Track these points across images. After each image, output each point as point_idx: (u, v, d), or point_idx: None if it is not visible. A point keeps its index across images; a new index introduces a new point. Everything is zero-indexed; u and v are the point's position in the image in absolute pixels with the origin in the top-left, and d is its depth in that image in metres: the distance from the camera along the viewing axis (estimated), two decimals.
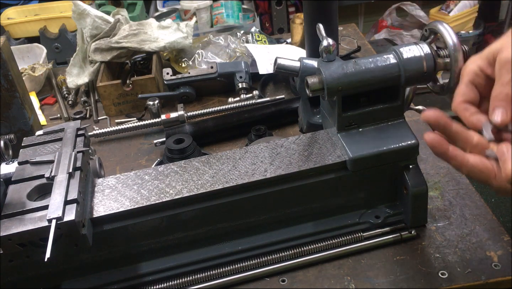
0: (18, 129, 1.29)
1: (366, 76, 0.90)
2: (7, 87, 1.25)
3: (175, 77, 1.52)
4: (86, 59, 1.65)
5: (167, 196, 0.90)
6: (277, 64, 1.09)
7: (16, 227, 0.78)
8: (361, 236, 0.96)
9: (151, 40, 1.61)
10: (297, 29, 1.77)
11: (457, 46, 0.86)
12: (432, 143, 0.74)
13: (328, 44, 0.91)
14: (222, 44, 1.69)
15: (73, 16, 1.62)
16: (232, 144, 1.35)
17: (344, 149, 0.93)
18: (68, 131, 0.98)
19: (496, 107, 0.75)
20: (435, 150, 0.75)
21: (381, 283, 0.90)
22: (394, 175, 0.96)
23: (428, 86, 0.95)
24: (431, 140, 0.74)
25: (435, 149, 0.75)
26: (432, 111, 0.77)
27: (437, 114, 0.76)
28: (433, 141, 0.74)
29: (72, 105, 1.63)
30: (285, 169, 0.93)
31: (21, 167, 0.92)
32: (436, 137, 0.74)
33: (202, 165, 0.96)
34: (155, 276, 0.93)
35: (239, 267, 0.93)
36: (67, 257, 0.90)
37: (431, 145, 0.74)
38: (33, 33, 2.60)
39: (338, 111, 0.93)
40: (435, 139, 0.74)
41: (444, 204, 1.05)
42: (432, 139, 0.74)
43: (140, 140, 1.42)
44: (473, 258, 0.92)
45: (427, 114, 0.77)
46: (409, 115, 1.27)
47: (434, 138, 0.74)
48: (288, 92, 1.55)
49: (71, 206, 0.80)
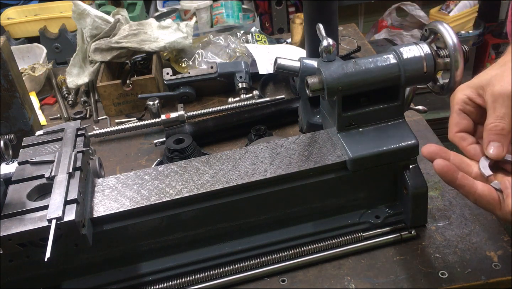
0: (18, 129, 1.29)
1: (366, 76, 0.90)
2: (7, 87, 1.25)
3: (175, 77, 1.52)
4: (86, 59, 1.65)
5: (167, 196, 0.90)
6: (277, 64, 1.09)
7: (16, 227, 0.78)
8: (361, 236, 0.96)
9: (151, 40, 1.61)
10: (297, 29, 1.77)
11: (457, 46, 0.86)
12: (442, 171, 0.75)
13: (328, 44, 0.91)
14: (222, 44, 1.70)
15: (73, 16, 1.62)
16: (232, 144, 1.35)
17: (344, 149, 0.93)
18: (68, 131, 0.98)
19: (491, 141, 0.77)
20: (444, 177, 0.75)
21: (381, 283, 0.90)
22: (394, 175, 0.96)
23: (428, 86, 0.95)
24: (441, 168, 0.74)
25: (444, 176, 0.75)
26: (431, 147, 0.78)
27: (436, 149, 0.78)
28: (442, 170, 0.75)
29: (72, 105, 1.63)
30: (285, 169, 0.93)
31: (21, 167, 0.92)
32: (446, 165, 0.75)
33: (202, 165, 0.96)
34: (155, 276, 0.93)
35: (239, 267, 0.93)
36: (67, 257, 0.90)
37: (440, 172, 0.75)
38: (33, 33, 2.59)
39: (338, 111, 0.93)
40: (445, 167, 0.75)
41: (444, 204, 1.05)
42: (442, 168, 0.74)
43: (140, 140, 1.42)
44: (473, 258, 0.92)
45: (426, 150, 0.78)
46: (409, 115, 1.27)
47: (444, 167, 0.74)
48: (288, 92, 1.55)
49: (71, 206, 0.80)
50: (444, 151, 0.79)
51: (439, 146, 0.78)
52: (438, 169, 0.75)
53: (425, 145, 0.79)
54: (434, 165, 0.75)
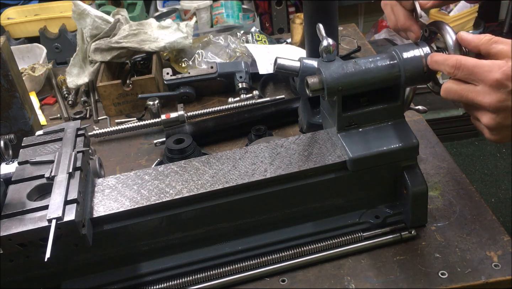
0: (18, 129, 1.29)
1: (366, 76, 0.90)
2: (7, 87, 1.25)
3: (175, 77, 1.52)
4: (86, 59, 1.65)
5: (167, 196, 0.90)
6: (277, 64, 1.09)
7: (16, 227, 0.78)
8: (361, 236, 0.96)
9: (151, 40, 1.61)
10: (297, 29, 1.77)
11: (457, 46, 0.86)
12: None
13: (328, 44, 0.91)
14: (222, 44, 1.69)
15: (73, 16, 1.62)
16: (232, 144, 1.35)
17: (344, 149, 0.93)
18: (68, 131, 0.98)
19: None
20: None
21: (381, 283, 0.90)
22: (394, 175, 0.96)
23: (428, 86, 0.95)
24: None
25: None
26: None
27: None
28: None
29: (72, 105, 1.63)
30: (285, 169, 0.93)
31: (21, 167, 0.92)
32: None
33: (202, 165, 0.96)
34: (155, 276, 0.93)
35: (239, 267, 0.93)
36: (67, 257, 0.90)
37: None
38: (33, 33, 2.60)
39: (338, 111, 0.93)
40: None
41: (444, 204, 1.05)
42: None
43: (140, 140, 1.42)
44: (473, 258, 0.92)
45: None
46: (409, 115, 1.27)
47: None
48: (288, 92, 1.55)
49: (71, 206, 0.80)
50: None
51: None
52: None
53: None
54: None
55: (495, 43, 0.81)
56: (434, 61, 0.87)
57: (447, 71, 0.84)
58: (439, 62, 0.85)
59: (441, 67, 0.85)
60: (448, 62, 0.83)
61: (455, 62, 0.82)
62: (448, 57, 0.84)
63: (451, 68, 0.83)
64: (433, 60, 0.87)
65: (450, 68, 0.83)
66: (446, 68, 0.83)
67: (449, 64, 0.83)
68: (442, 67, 0.85)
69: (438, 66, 0.86)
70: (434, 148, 1.21)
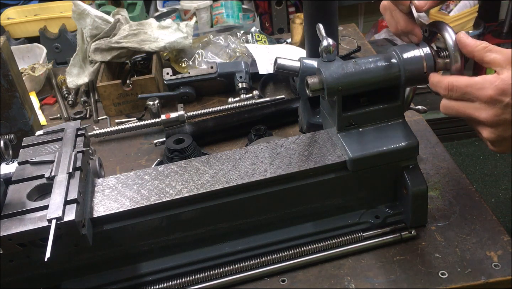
0: (18, 129, 1.29)
1: (366, 76, 0.90)
2: (7, 87, 1.25)
3: (175, 77, 1.52)
4: (86, 59, 1.65)
5: (167, 196, 0.90)
6: (277, 64, 1.09)
7: (16, 227, 0.78)
8: (361, 236, 0.96)
9: (151, 40, 1.61)
10: (297, 29, 1.77)
11: (457, 46, 0.86)
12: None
13: (328, 44, 0.91)
14: (222, 44, 1.69)
15: (73, 16, 1.62)
16: (232, 144, 1.35)
17: (344, 149, 0.93)
18: (68, 131, 0.98)
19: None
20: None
21: (381, 283, 0.90)
22: (394, 175, 0.96)
23: (428, 86, 0.94)
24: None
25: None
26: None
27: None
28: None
29: (72, 105, 1.63)
30: (285, 169, 0.93)
31: (21, 167, 0.92)
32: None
33: (202, 165, 0.96)
34: (155, 276, 0.93)
35: (239, 267, 0.93)
36: (67, 257, 0.90)
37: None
38: (33, 33, 2.60)
39: (338, 111, 0.93)
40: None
41: (444, 204, 1.05)
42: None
43: (140, 140, 1.42)
44: (473, 258, 0.92)
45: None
46: (409, 115, 1.27)
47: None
48: (288, 92, 1.55)
49: (71, 206, 0.80)
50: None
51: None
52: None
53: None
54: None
55: (489, 52, 0.82)
56: (430, 83, 0.88)
57: (442, 93, 0.85)
58: (434, 84, 0.87)
59: (436, 89, 0.87)
60: (441, 85, 0.85)
61: (447, 85, 0.84)
62: (440, 80, 0.85)
63: (444, 91, 0.84)
64: (430, 82, 0.89)
65: (443, 91, 0.84)
66: (440, 91, 0.85)
67: (442, 87, 0.85)
68: (437, 90, 0.86)
69: (434, 88, 0.87)
70: (434, 148, 1.21)
